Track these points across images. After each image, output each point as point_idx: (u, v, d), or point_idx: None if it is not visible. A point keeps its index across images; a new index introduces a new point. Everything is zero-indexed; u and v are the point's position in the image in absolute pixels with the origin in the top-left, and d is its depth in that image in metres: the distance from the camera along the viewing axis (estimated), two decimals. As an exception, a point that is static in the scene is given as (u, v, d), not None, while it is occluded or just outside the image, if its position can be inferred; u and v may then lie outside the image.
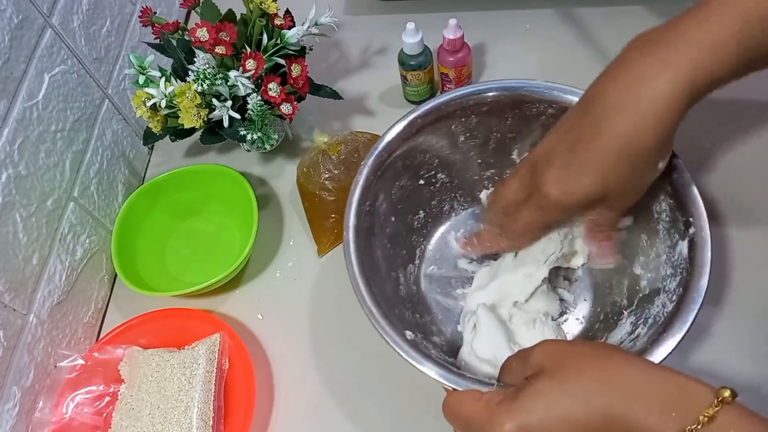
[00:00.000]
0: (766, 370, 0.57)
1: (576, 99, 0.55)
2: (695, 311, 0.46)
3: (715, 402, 0.34)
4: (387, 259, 0.60)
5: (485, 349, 0.54)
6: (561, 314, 0.60)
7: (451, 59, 0.73)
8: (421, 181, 0.64)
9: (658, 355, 0.45)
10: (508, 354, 0.45)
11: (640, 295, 0.54)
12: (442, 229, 0.67)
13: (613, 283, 0.58)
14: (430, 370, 0.47)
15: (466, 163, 0.65)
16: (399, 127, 0.59)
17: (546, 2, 0.85)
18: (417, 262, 0.65)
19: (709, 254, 0.48)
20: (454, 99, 0.59)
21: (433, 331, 0.60)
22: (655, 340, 0.46)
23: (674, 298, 0.48)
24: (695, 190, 0.50)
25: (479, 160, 0.65)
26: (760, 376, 0.56)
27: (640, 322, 0.51)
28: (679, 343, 0.45)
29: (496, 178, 0.66)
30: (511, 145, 0.63)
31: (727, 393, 0.34)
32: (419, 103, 0.78)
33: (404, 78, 0.76)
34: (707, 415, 0.34)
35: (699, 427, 0.34)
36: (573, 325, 0.60)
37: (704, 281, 0.47)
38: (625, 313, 0.54)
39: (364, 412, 0.60)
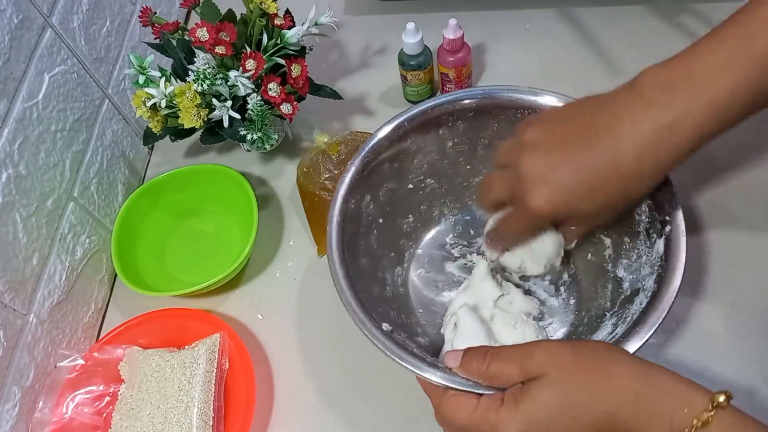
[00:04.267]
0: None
1: (560, 103, 0.56)
2: (667, 308, 0.46)
3: (710, 407, 0.35)
4: (374, 259, 0.61)
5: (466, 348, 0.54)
6: (545, 318, 0.60)
7: (451, 59, 0.73)
8: (410, 185, 0.64)
9: (629, 349, 0.45)
10: None
11: (622, 296, 0.54)
12: (431, 233, 0.67)
13: (599, 287, 0.58)
14: (404, 361, 0.47)
15: (456, 169, 0.65)
16: (386, 130, 0.59)
17: (546, 2, 0.85)
18: (405, 264, 0.65)
19: (684, 253, 0.48)
20: (439, 104, 0.59)
21: (418, 332, 0.60)
22: (627, 334, 0.46)
23: (650, 294, 0.49)
24: (672, 189, 0.51)
25: (468, 166, 0.65)
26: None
27: (620, 322, 0.51)
28: (648, 338, 0.46)
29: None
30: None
31: (722, 398, 0.36)
32: (419, 103, 0.79)
33: (404, 78, 0.76)
34: (701, 420, 0.35)
35: (692, 431, 0.35)
36: (558, 329, 0.60)
37: (677, 280, 0.47)
38: (608, 314, 0.54)
39: (364, 412, 0.60)
